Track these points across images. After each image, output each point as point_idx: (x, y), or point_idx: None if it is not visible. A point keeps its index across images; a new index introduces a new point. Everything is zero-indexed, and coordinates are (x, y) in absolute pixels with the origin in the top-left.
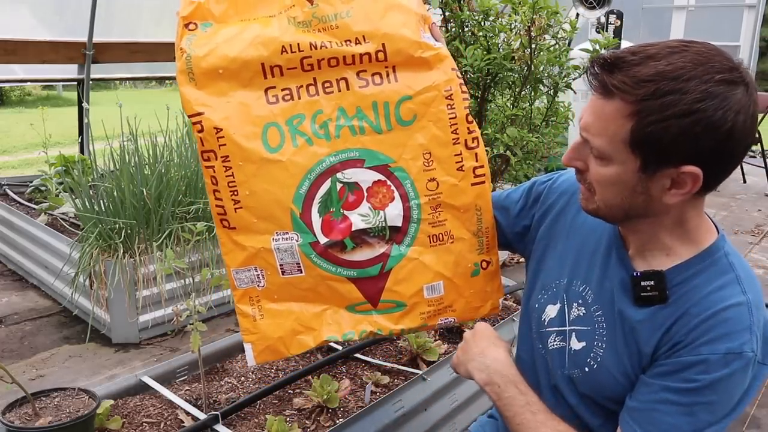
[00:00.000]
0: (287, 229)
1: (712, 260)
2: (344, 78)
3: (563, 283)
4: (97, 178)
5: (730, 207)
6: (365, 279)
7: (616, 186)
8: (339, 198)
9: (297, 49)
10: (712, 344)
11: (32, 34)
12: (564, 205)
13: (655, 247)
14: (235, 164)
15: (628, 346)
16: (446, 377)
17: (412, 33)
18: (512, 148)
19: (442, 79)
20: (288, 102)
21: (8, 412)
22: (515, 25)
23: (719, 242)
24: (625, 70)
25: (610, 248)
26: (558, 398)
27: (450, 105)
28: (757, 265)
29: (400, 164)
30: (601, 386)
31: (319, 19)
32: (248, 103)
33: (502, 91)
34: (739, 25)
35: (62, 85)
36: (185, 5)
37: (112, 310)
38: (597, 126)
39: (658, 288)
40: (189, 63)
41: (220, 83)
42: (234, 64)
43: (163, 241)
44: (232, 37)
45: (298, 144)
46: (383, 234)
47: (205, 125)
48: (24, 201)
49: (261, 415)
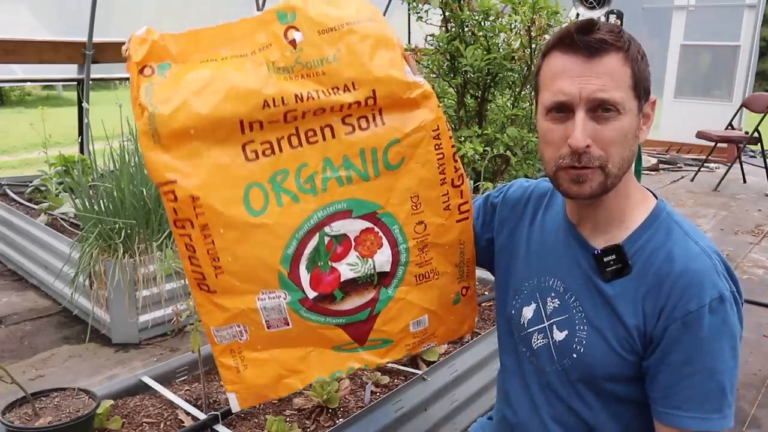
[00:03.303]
0: (274, 288)
1: (658, 223)
2: (329, 125)
3: (533, 283)
4: (97, 178)
5: (730, 207)
6: (354, 323)
7: (627, 137)
8: (327, 251)
9: (281, 102)
10: (694, 299)
11: (32, 34)
12: (520, 214)
13: (613, 220)
14: (215, 232)
15: (609, 319)
16: (446, 377)
17: (399, 72)
18: (512, 148)
19: (429, 118)
20: (269, 157)
21: (8, 412)
22: (515, 25)
23: (660, 204)
24: (598, 28)
25: (567, 237)
26: (550, 396)
27: (438, 145)
28: (757, 265)
29: (388, 210)
30: (592, 367)
31: (304, 65)
32: (225, 164)
33: (502, 91)
34: (739, 25)
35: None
36: (136, 46)
37: (112, 310)
38: (609, 82)
39: (621, 260)
40: (153, 123)
41: (192, 143)
42: (207, 122)
43: (163, 241)
44: (203, 87)
45: (284, 203)
46: (371, 280)
47: (179, 195)
48: (24, 201)
49: (261, 415)
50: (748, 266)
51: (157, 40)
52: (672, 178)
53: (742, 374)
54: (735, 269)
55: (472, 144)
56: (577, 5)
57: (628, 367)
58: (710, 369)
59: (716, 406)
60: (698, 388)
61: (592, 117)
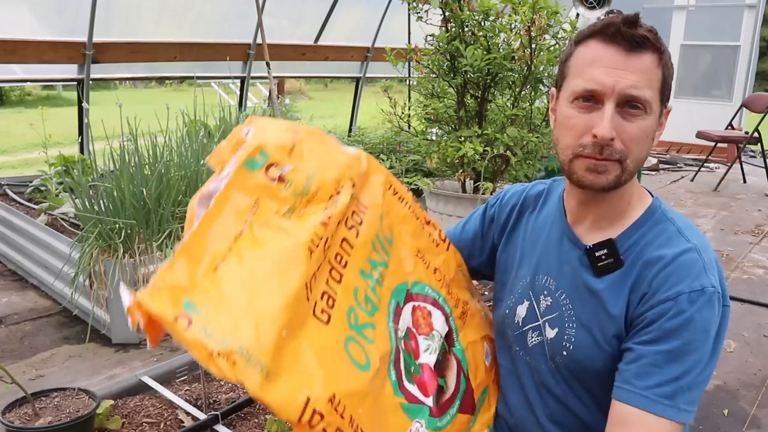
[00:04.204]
0: (407, 425)
1: (653, 220)
2: (344, 239)
3: (527, 282)
4: (97, 178)
5: (730, 207)
6: (464, 398)
7: (648, 137)
8: (409, 353)
9: (319, 239)
10: (674, 287)
11: (32, 34)
12: (517, 216)
13: (611, 218)
14: (356, 414)
15: (597, 314)
16: None
17: (344, 153)
18: (512, 148)
19: (383, 179)
20: (334, 307)
21: (8, 412)
22: (515, 25)
23: (655, 202)
24: (641, 25)
25: (561, 235)
26: (545, 396)
27: (400, 197)
28: (757, 265)
29: (412, 279)
30: (581, 365)
31: (301, 193)
32: (320, 342)
33: (502, 91)
34: (739, 25)
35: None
36: (136, 318)
37: (112, 310)
38: (643, 79)
39: (613, 255)
40: (252, 361)
41: (289, 345)
42: (287, 313)
43: (163, 241)
44: (251, 290)
45: (371, 338)
46: (445, 349)
47: (320, 408)
48: (24, 201)
49: (261, 415)
50: (748, 266)
51: (156, 291)
52: (672, 178)
53: (742, 374)
54: (735, 269)
55: (472, 144)
56: (577, 5)
57: (617, 362)
58: (672, 354)
59: (668, 392)
60: (655, 368)
61: (619, 112)
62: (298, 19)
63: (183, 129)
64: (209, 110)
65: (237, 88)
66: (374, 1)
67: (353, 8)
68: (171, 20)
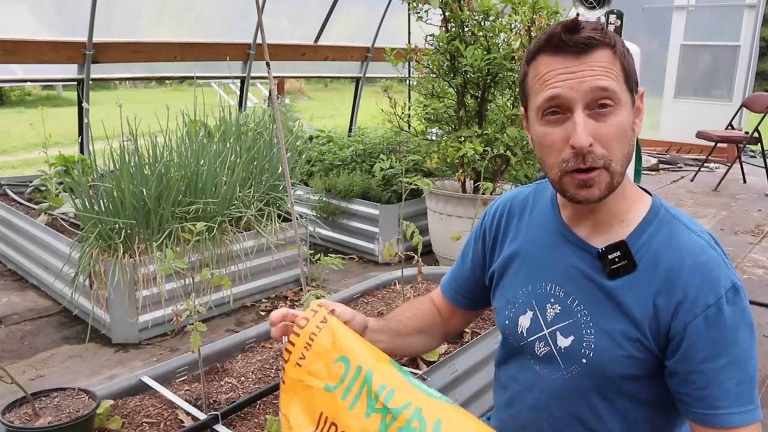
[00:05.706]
0: None
1: (658, 219)
2: None
3: (528, 291)
4: (97, 178)
5: (730, 207)
6: None
7: (626, 131)
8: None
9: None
10: (711, 293)
11: (32, 34)
12: (505, 225)
13: (613, 219)
14: None
15: (616, 317)
16: (446, 377)
17: None
18: (512, 148)
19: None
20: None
21: (8, 412)
22: (515, 25)
23: (656, 200)
24: (582, 27)
25: (562, 240)
26: (551, 405)
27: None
28: (757, 265)
29: None
30: (603, 371)
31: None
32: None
33: (502, 91)
34: (739, 25)
35: (62, 85)
36: None
37: (112, 310)
38: (603, 73)
39: (626, 257)
40: None
41: None
42: None
43: (163, 241)
44: None
45: None
46: None
47: None
48: (24, 201)
49: (261, 415)
50: (748, 266)
51: None
52: (672, 178)
53: None
54: (735, 269)
55: (472, 144)
56: (577, 5)
57: (639, 366)
58: (738, 360)
59: (749, 397)
60: (731, 382)
61: (590, 115)
62: (298, 19)
63: (183, 129)
64: (209, 110)
65: (237, 88)
66: (374, 1)
67: (353, 8)
68: (171, 20)
